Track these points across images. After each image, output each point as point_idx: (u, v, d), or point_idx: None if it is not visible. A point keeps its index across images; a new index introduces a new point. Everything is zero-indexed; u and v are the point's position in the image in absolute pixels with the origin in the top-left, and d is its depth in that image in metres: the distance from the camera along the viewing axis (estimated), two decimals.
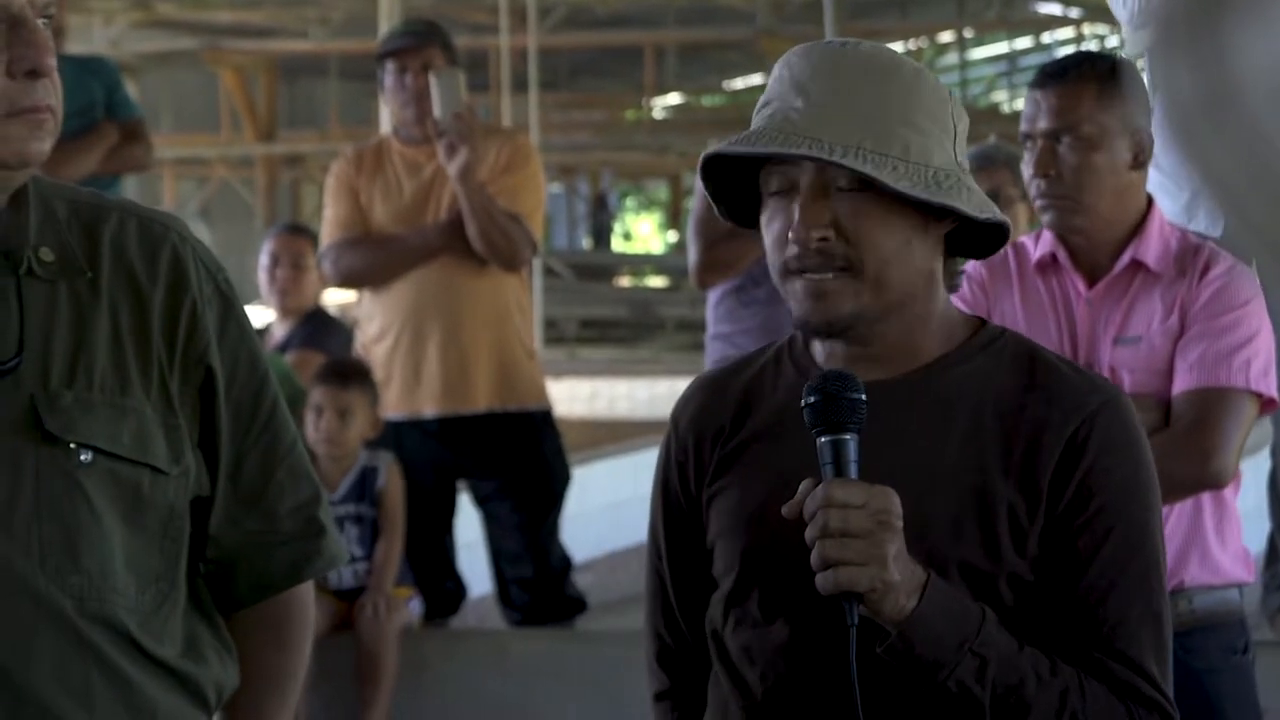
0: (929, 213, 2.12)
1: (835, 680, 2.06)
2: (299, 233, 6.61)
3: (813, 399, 2.05)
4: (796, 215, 2.10)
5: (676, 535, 2.27)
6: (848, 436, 2.04)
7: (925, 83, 2.15)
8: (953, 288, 2.25)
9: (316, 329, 6.26)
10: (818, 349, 2.21)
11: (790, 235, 2.10)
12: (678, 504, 2.26)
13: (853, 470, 2.03)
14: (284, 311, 6.29)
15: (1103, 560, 2.10)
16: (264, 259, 6.29)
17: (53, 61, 2.01)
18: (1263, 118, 0.49)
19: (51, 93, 2.01)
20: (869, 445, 2.06)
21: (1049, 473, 2.10)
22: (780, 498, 2.07)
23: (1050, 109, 3.26)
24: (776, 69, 2.17)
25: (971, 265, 3.23)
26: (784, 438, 2.16)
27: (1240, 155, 0.49)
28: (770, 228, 2.14)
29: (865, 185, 2.09)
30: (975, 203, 2.13)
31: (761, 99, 2.17)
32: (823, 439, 2.05)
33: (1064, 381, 2.16)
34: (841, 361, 2.16)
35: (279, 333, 6.28)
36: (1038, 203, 3.30)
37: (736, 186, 2.20)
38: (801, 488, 2.04)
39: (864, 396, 2.05)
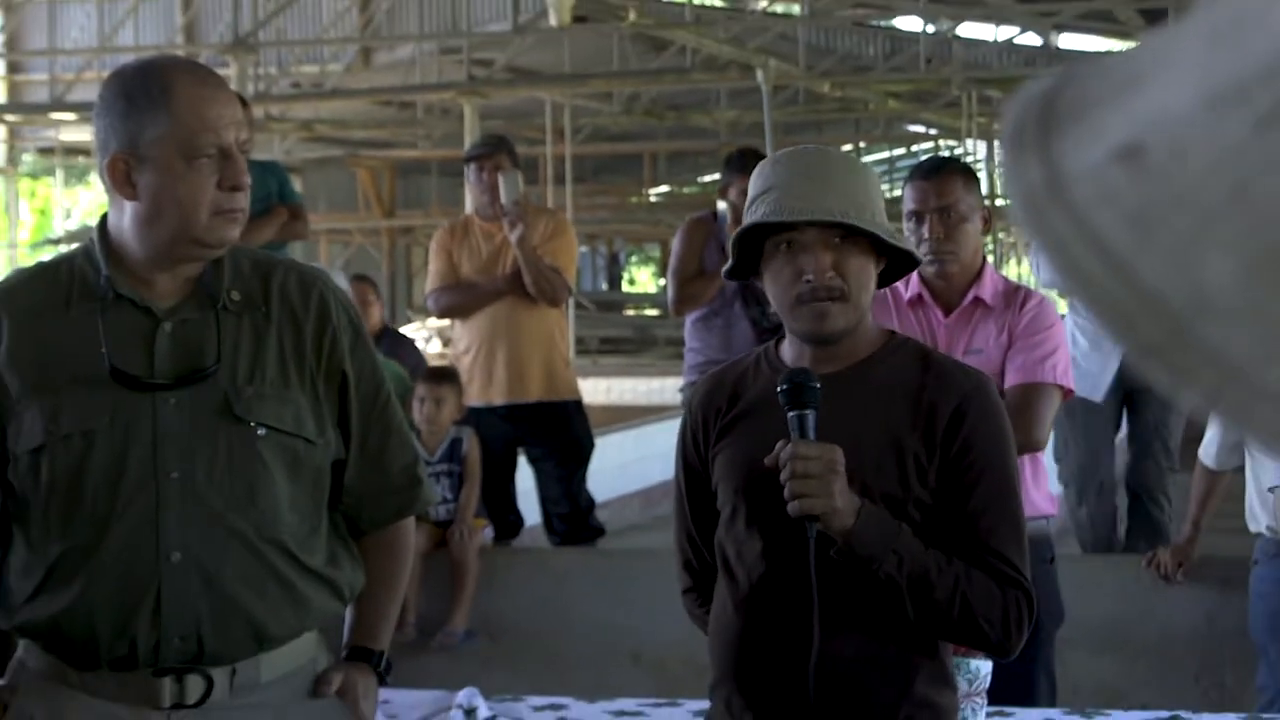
0: (880, 256, 2.14)
1: (799, 576, 2.06)
2: (358, 280, 6.49)
3: (785, 386, 2.06)
4: (811, 263, 2.09)
5: (692, 482, 2.26)
6: (808, 412, 2.04)
7: (870, 170, 2.20)
8: None
9: (390, 345, 6.23)
10: (786, 352, 2.20)
11: (808, 278, 2.09)
12: (692, 460, 2.25)
13: (812, 434, 2.04)
14: None
15: (981, 491, 2.09)
16: None
17: (248, 180, 2.01)
18: (1087, 209, 0.47)
19: (243, 200, 2.02)
20: (826, 416, 2.06)
21: (940, 432, 2.10)
22: (762, 453, 2.07)
23: (937, 193, 3.26)
24: (768, 167, 2.15)
25: None
26: (763, 414, 2.15)
27: (1071, 225, 0.48)
28: (782, 274, 2.12)
29: (849, 239, 2.09)
30: (918, 252, 2.17)
31: (759, 186, 2.14)
32: (791, 414, 2.05)
33: (949, 372, 2.16)
34: (809, 360, 2.15)
35: None
36: (927, 257, 3.27)
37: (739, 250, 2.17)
38: (778, 446, 2.05)
39: (819, 385, 2.06)
